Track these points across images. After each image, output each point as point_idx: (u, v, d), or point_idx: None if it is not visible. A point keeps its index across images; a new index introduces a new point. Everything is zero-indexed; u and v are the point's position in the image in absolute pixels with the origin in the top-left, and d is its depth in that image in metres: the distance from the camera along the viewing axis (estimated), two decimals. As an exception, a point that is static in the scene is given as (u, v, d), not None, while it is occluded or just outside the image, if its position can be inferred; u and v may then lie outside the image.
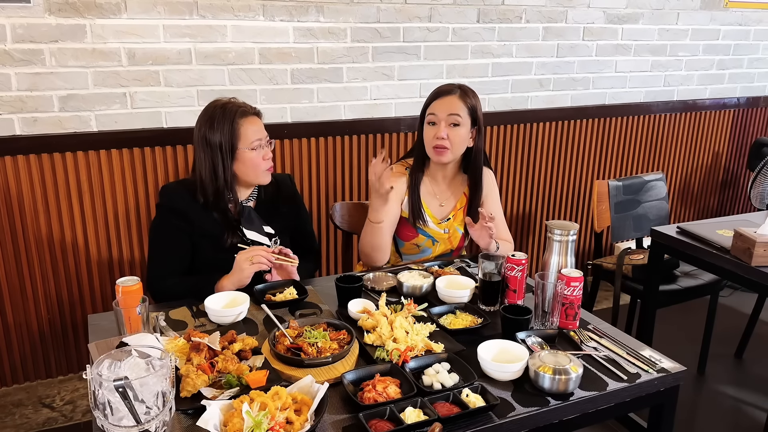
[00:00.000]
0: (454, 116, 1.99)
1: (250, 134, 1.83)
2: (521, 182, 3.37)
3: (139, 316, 1.43)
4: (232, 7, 2.49)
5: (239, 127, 1.82)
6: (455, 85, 2.06)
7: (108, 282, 2.59)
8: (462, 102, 2.01)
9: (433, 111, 2.02)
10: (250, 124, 1.84)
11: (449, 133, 1.99)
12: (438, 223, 2.11)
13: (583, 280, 1.58)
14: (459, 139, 2.01)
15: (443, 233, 2.12)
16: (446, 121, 1.99)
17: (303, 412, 1.18)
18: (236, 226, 1.88)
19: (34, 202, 2.39)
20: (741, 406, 2.60)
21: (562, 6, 3.16)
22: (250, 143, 1.83)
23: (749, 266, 2.03)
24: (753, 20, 3.74)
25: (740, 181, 4.14)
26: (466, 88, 2.05)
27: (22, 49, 2.24)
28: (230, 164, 1.83)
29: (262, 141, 1.87)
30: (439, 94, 2.04)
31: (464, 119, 2.00)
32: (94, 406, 1.11)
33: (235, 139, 1.82)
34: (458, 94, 2.02)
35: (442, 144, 2.00)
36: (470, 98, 2.03)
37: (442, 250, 2.16)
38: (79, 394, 2.56)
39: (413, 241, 2.10)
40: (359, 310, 1.62)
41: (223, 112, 1.83)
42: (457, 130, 2.00)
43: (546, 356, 1.35)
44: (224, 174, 1.83)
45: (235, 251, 1.81)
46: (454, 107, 2.00)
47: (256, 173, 1.87)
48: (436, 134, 2.00)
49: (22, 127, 2.32)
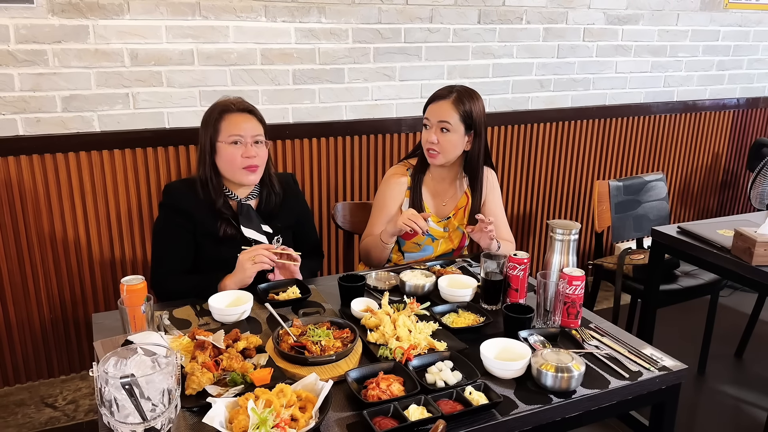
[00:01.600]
0: (443, 123, 2.00)
1: (228, 128, 1.83)
2: (522, 182, 3.38)
3: (143, 315, 1.44)
4: (234, 8, 2.50)
5: (220, 121, 1.83)
6: (454, 88, 2.03)
7: (110, 282, 2.60)
8: (454, 108, 1.99)
9: (427, 115, 2.05)
10: (233, 119, 1.84)
11: (440, 139, 2.00)
12: (438, 221, 2.12)
13: (585, 279, 1.59)
14: (449, 145, 2.02)
15: (443, 231, 2.14)
16: (437, 126, 2.00)
17: (307, 410, 1.19)
18: (231, 220, 1.88)
19: (37, 202, 2.40)
20: (741, 405, 2.61)
21: (563, 7, 3.17)
22: (227, 137, 1.82)
23: (749, 266, 2.04)
24: (753, 21, 3.76)
25: (740, 182, 4.15)
26: (463, 92, 2.02)
27: (25, 50, 2.25)
28: (210, 158, 1.85)
29: (245, 138, 1.83)
30: (434, 98, 2.04)
31: (454, 125, 1.99)
32: (100, 404, 1.12)
33: (214, 133, 1.84)
34: (452, 99, 2.00)
35: (432, 148, 2.02)
36: (465, 103, 2.00)
37: (444, 250, 2.17)
38: (81, 393, 2.57)
39: (414, 239, 2.11)
40: (362, 308, 1.62)
41: (212, 107, 1.87)
42: (447, 136, 2.00)
43: (548, 354, 1.36)
44: (205, 166, 1.85)
45: (238, 249, 1.82)
46: (444, 114, 1.99)
47: (232, 169, 1.84)
48: (428, 138, 2.02)
49: (25, 128, 2.33)
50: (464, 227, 2.14)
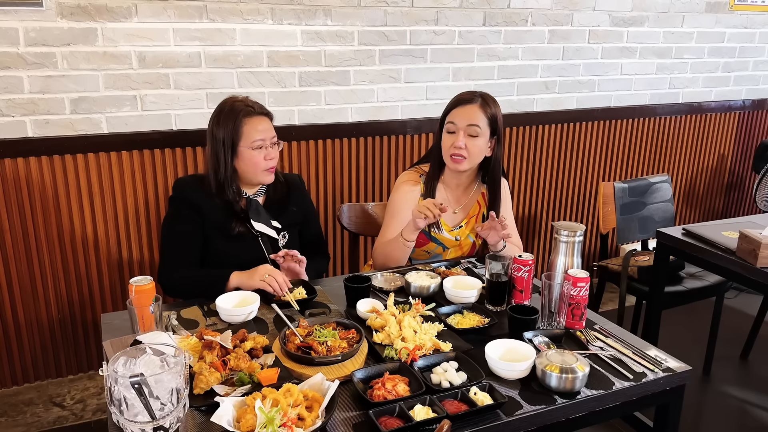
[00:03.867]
0: (473, 127, 1.96)
1: (252, 133, 1.85)
2: (527, 184, 3.39)
3: (152, 315, 1.45)
4: (241, 11, 2.52)
5: (242, 126, 1.85)
6: (476, 93, 2.01)
7: (118, 282, 2.62)
8: (482, 112, 1.97)
9: (453, 119, 1.99)
10: (254, 123, 1.86)
11: (467, 143, 1.96)
12: (450, 230, 2.10)
13: (590, 280, 1.59)
14: (476, 150, 1.99)
15: (454, 240, 2.11)
16: (465, 131, 1.96)
17: (314, 409, 1.20)
18: (242, 217, 1.90)
19: (46, 203, 2.42)
20: (746, 407, 2.60)
21: (568, 9, 3.17)
22: (251, 142, 1.85)
23: (755, 267, 2.04)
24: (758, 23, 3.75)
25: (745, 183, 4.14)
26: (487, 97, 2.01)
27: (34, 53, 2.27)
28: (231, 160, 1.87)
29: (266, 141, 1.87)
30: (460, 101, 2.00)
31: (483, 129, 1.97)
32: (110, 403, 1.13)
33: (236, 137, 1.85)
34: (479, 103, 1.98)
35: (459, 153, 1.97)
36: (491, 107, 1.99)
37: (452, 257, 2.15)
38: (89, 393, 2.59)
39: (424, 247, 2.10)
40: (368, 309, 1.64)
41: (230, 109, 1.87)
42: (475, 141, 1.97)
43: (553, 355, 1.37)
44: (225, 169, 1.87)
45: (245, 245, 1.87)
46: (474, 117, 1.96)
47: (255, 172, 1.89)
48: (454, 143, 1.96)
49: (35, 129, 2.35)
50: (475, 236, 2.11)
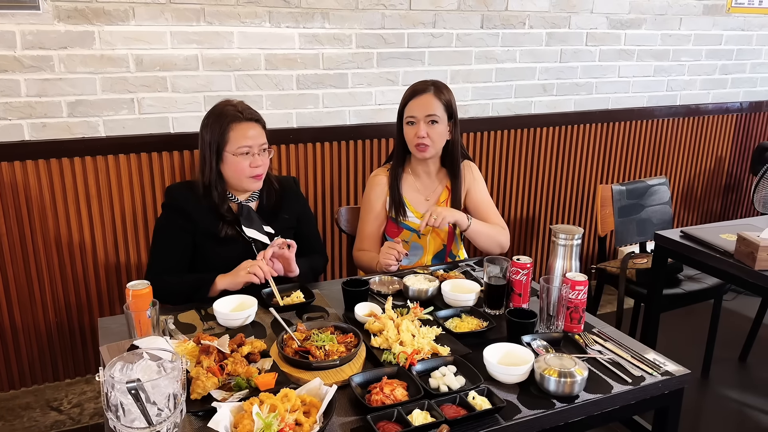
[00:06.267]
0: (431, 115, 2.06)
1: (238, 139, 1.84)
2: (525, 186, 3.39)
3: (149, 320, 1.45)
4: (238, 14, 2.52)
5: (228, 131, 1.84)
6: (428, 82, 2.11)
7: (115, 286, 2.61)
8: (437, 99, 2.07)
9: (411, 112, 2.08)
10: (242, 129, 1.85)
11: (429, 131, 2.06)
12: (420, 216, 2.14)
13: (588, 284, 1.59)
14: (438, 136, 2.09)
15: (427, 227, 2.15)
16: (424, 120, 2.06)
17: (312, 414, 1.20)
18: (230, 220, 1.90)
19: (43, 207, 2.42)
20: (745, 409, 2.60)
21: (566, 12, 3.18)
22: (236, 148, 1.84)
23: (753, 270, 2.05)
24: (755, 25, 3.76)
25: (743, 186, 4.15)
26: (439, 84, 2.10)
27: (31, 56, 2.27)
28: (216, 164, 1.87)
29: (253, 148, 1.85)
30: (415, 93, 2.09)
31: (441, 116, 2.07)
32: (106, 408, 1.13)
33: (222, 142, 1.85)
34: (432, 91, 2.07)
35: (423, 142, 2.07)
36: (444, 94, 2.09)
37: (435, 247, 2.19)
38: (86, 397, 2.58)
39: (399, 236, 2.14)
40: (366, 313, 1.63)
41: (219, 113, 1.87)
42: (436, 127, 2.07)
43: (551, 359, 1.37)
44: (210, 172, 1.87)
45: (237, 250, 1.85)
46: (431, 107, 2.06)
47: (239, 178, 1.88)
48: (417, 133, 2.06)
49: (31, 133, 2.35)
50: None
